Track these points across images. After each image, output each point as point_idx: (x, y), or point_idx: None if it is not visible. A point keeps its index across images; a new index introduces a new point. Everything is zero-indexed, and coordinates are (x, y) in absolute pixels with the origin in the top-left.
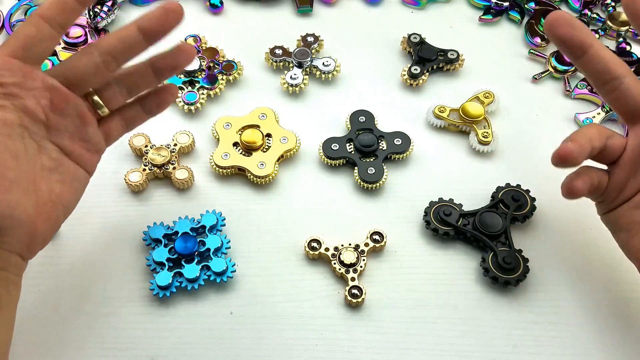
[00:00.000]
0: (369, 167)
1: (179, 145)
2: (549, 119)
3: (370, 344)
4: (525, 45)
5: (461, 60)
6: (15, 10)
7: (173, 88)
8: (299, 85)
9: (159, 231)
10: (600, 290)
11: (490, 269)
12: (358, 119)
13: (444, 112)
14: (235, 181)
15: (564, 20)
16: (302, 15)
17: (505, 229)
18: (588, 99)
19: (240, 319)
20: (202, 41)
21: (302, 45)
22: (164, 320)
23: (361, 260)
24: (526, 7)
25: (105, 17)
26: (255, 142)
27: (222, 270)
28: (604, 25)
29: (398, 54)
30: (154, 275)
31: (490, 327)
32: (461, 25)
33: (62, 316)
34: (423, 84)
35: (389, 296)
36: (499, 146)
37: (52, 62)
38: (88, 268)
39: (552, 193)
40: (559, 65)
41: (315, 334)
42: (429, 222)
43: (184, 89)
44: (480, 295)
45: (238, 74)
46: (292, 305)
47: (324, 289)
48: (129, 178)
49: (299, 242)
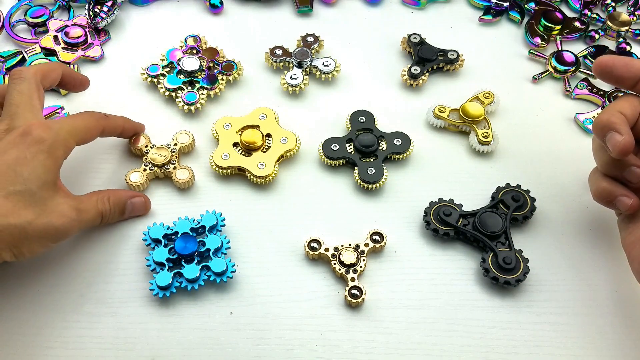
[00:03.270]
0: (369, 167)
1: (179, 145)
2: (549, 119)
3: (370, 344)
4: (525, 46)
5: (461, 60)
6: (15, 10)
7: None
8: (299, 86)
9: (159, 231)
10: (600, 290)
11: (490, 269)
12: (358, 119)
13: (444, 112)
14: (235, 181)
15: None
16: (302, 16)
17: (505, 229)
18: (588, 99)
19: (240, 319)
20: (202, 41)
21: (302, 46)
22: (164, 320)
23: (361, 260)
24: (526, 7)
25: (105, 17)
26: (255, 142)
27: (222, 271)
28: (604, 26)
29: (398, 54)
30: (154, 276)
31: (490, 327)
32: (461, 26)
33: (62, 316)
34: (423, 84)
35: (389, 296)
36: (499, 146)
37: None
38: (88, 268)
39: (552, 193)
40: (559, 66)
41: (315, 334)
42: (429, 222)
43: (184, 89)
44: (480, 295)
45: (238, 74)
46: (292, 305)
47: (324, 289)
48: (130, 178)
49: (299, 242)
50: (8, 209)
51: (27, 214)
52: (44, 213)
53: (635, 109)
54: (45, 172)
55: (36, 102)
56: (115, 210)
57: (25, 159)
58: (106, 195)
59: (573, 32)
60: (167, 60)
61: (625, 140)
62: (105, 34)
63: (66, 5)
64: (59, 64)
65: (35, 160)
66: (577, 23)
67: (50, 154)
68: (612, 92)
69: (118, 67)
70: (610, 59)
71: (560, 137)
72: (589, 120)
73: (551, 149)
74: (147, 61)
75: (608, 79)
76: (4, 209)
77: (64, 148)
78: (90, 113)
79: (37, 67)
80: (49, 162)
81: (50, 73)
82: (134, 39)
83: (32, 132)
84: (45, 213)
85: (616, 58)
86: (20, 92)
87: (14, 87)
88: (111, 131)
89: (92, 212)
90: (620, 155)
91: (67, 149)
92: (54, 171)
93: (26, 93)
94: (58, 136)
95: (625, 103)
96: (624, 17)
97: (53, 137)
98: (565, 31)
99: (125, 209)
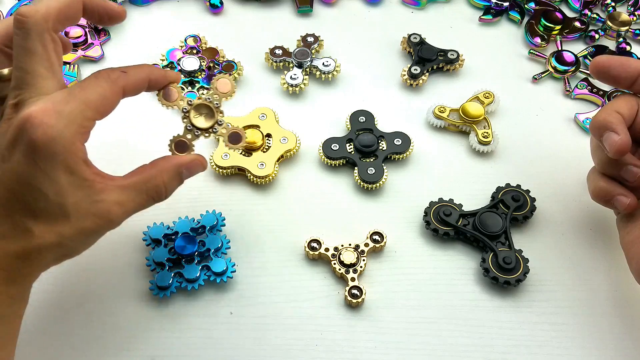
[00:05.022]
0: (369, 167)
1: (221, 95)
2: (549, 119)
3: (370, 344)
4: (525, 45)
5: (461, 60)
6: (15, 10)
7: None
8: (299, 86)
9: (158, 231)
10: (600, 290)
11: (490, 269)
12: (358, 119)
13: (444, 112)
14: (235, 181)
15: (610, 61)
16: (302, 15)
17: (505, 229)
18: (588, 99)
19: (240, 319)
20: (202, 41)
21: (302, 46)
22: (164, 320)
23: (361, 260)
24: (526, 7)
25: None
26: (255, 142)
27: (222, 271)
28: (604, 25)
29: (398, 54)
30: (154, 276)
31: (490, 327)
32: (461, 26)
33: (62, 316)
34: (423, 84)
35: (389, 296)
36: (499, 146)
37: None
38: (88, 268)
39: (552, 193)
40: (559, 66)
41: (315, 334)
42: (429, 222)
43: (184, 89)
44: (480, 295)
45: (238, 74)
46: (292, 305)
47: (324, 289)
48: (174, 148)
49: (299, 242)
50: (40, 230)
51: (62, 229)
52: (79, 220)
53: (632, 109)
54: (68, 179)
55: (50, 60)
56: (171, 186)
57: (39, 171)
58: (152, 179)
59: (573, 32)
60: (167, 60)
61: (622, 140)
62: (105, 34)
63: None
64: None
65: (51, 172)
66: (577, 23)
67: (64, 163)
68: (612, 92)
69: None
70: (607, 59)
71: (560, 137)
72: (589, 120)
73: (551, 149)
74: (147, 61)
75: (605, 79)
76: (36, 230)
77: (81, 140)
78: (103, 75)
79: (47, 4)
80: (68, 166)
81: (65, 9)
82: (134, 39)
83: (36, 139)
84: (80, 220)
85: (612, 58)
86: (27, 50)
87: (19, 42)
88: (135, 88)
89: (139, 199)
90: (617, 155)
91: (84, 136)
92: (77, 172)
93: (35, 51)
94: (68, 130)
95: (622, 102)
96: (624, 17)
97: (62, 136)
98: (565, 31)
99: (181, 178)
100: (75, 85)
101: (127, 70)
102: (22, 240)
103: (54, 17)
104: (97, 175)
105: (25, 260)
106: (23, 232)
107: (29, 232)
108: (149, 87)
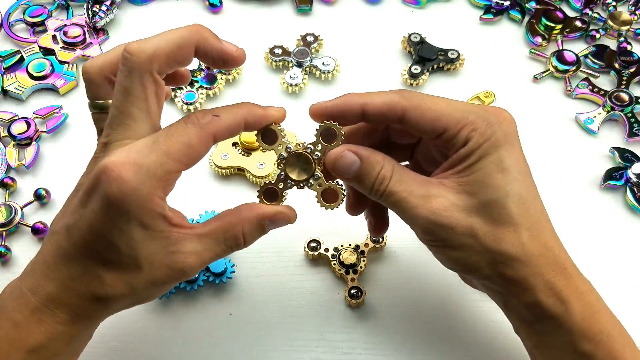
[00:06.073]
0: None
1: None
2: (549, 118)
3: (370, 344)
4: (526, 45)
5: (461, 59)
6: (14, 9)
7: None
8: (298, 85)
9: None
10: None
11: None
12: None
13: None
14: (235, 181)
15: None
16: (302, 15)
17: None
18: (589, 99)
19: (239, 319)
20: None
21: (302, 45)
22: (164, 320)
23: (361, 260)
24: (527, 6)
25: (104, 16)
26: (254, 142)
27: (221, 271)
28: (605, 25)
29: (398, 53)
30: None
31: (491, 327)
32: (462, 25)
33: None
34: (423, 83)
35: (389, 296)
36: None
37: (51, 61)
38: None
39: (552, 193)
40: (559, 65)
41: (315, 334)
42: None
43: (183, 88)
44: (481, 295)
45: (237, 74)
46: (292, 305)
47: (324, 290)
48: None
49: (299, 242)
50: (111, 279)
51: (133, 280)
52: (152, 271)
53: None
54: (141, 233)
55: (147, 101)
56: (251, 237)
57: (112, 224)
58: (232, 228)
59: (574, 31)
60: None
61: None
62: (103, 34)
63: (65, 5)
64: (194, 29)
65: (124, 227)
66: (578, 22)
67: (138, 219)
68: (613, 92)
69: None
70: (321, 103)
71: (560, 137)
72: (590, 120)
73: (551, 149)
74: None
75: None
76: (107, 279)
77: (160, 194)
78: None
79: (155, 45)
80: (142, 222)
81: (175, 53)
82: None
83: (111, 194)
84: (154, 271)
85: (327, 101)
86: (125, 89)
87: (120, 79)
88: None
89: (216, 249)
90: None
91: (166, 189)
92: (152, 226)
93: (133, 91)
94: (145, 186)
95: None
96: (625, 17)
97: (137, 192)
98: (566, 30)
99: (263, 230)
100: (163, 131)
101: (221, 112)
102: (93, 285)
103: (160, 60)
104: (174, 226)
105: (95, 303)
106: (95, 278)
107: (99, 279)
108: (245, 128)
